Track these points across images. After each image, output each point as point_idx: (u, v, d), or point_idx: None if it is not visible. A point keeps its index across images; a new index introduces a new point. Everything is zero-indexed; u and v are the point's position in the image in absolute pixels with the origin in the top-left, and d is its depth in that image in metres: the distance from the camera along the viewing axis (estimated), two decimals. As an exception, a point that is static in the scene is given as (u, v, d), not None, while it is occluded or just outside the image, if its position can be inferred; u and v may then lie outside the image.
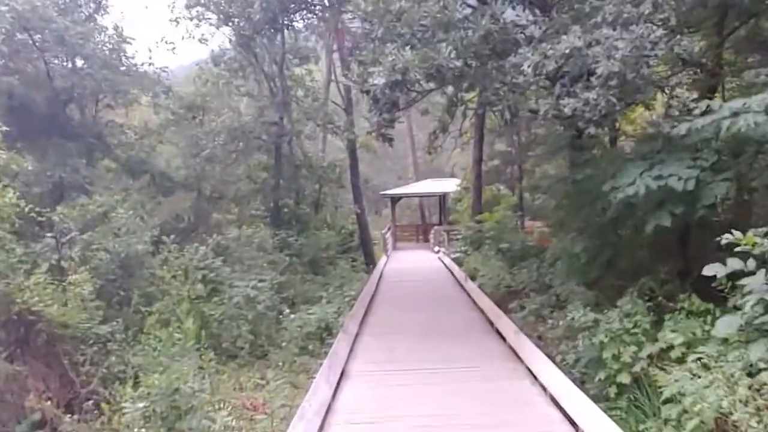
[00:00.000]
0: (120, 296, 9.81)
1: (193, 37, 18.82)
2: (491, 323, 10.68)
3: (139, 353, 7.84)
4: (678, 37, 7.73)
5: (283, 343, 10.10)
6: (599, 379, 6.95)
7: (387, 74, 8.89)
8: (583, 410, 5.67)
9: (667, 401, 5.58)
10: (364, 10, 9.92)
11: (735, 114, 6.20)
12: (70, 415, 6.27)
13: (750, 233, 5.52)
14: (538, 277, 12.71)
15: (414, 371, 8.01)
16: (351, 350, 9.12)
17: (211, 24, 18.21)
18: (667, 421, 5.55)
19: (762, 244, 5.47)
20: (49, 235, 9.02)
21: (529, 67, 8.15)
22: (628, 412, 6.43)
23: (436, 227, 30.32)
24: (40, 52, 14.94)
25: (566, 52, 7.84)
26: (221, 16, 17.17)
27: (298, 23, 19.70)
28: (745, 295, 5.42)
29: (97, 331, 7.86)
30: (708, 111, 6.71)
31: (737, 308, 6.23)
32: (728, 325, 5.50)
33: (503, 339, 9.42)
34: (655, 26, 7.82)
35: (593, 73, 7.76)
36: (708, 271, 5.68)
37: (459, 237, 21.83)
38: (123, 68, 16.45)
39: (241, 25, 16.98)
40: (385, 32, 9.67)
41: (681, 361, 6.24)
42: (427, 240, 31.69)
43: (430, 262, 23.59)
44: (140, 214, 12.09)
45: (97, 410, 6.32)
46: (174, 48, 21.17)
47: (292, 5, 16.73)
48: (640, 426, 6.09)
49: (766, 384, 4.88)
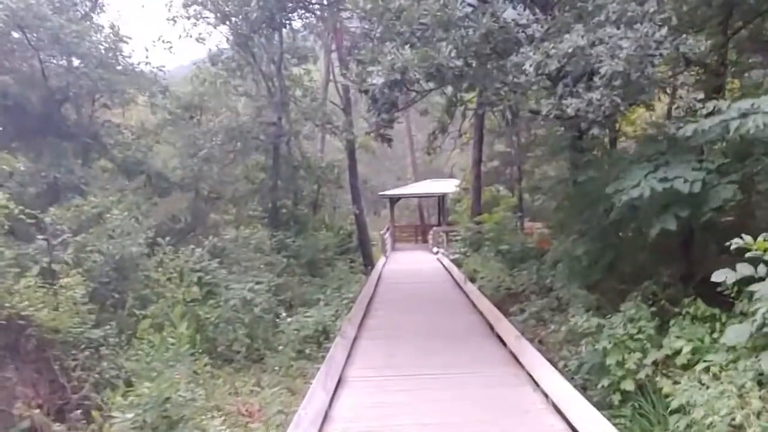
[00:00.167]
0: (114, 299, 9.64)
1: (191, 36, 18.70)
2: (491, 327, 10.52)
3: (133, 358, 7.68)
4: (684, 36, 7.56)
5: (280, 347, 9.96)
6: (602, 386, 6.81)
7: (386, 73, 8.73)
8: (586, 418, 5.53)
9: (674, 411, 5.40)
10: (363, 8, 9.78)
11: (743, 115, 6.06)
12: (59, 423, 6.09)
13: (761, 238, 5.35)
14: (539, 279, 12.60)
15: (413, 377, 7.84)
16: (348, 355, 8.94)
17: (208, 23, 18.09)
18: (675, 433, 5.39)
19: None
20: (41, 237, 8.84)
21: (531, 66, 7.99)
22: (632, 421, 6.27)
23: (435, 228, 30.19)
24: (34, 50, 14.77)
25: (569, 51, 7.69)
26: (218, 14, 17.03)
27: (297, 22, 19.55)
28: (755, 301, 5.24)
29: (90, 335, 7.66)
30: (715, 112, 6.56)
31: (744, 314, 6.10)
32: (738, 332, 5.33)
33: (504, 343, 9.26)
34: (657, 26, 7.67)
35: (596, 73, 7.63)
36: (717, 277, 5.50)
37: (458, 238, 21.73)
38: (119, 67, 16.24)
39: (239, 23, 16.85)
40: (384, 31, 9.53)
41: (687, 368, 6.09)
42: (426, 241, 31.57)
43: (429, 263, 23.42)
44: (135, 215, 11.91)
45: (85, 420, 6.14)
46: (171, 47, 20.91)
47: (289, 4, 16.55)
48: (645, 435, 5.95)
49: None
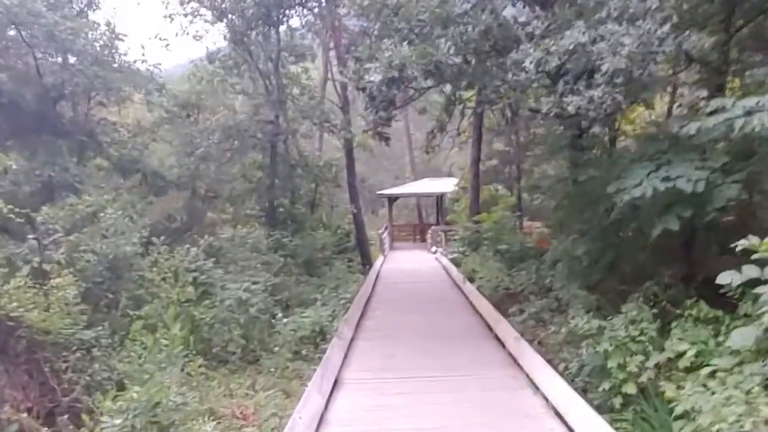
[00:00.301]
0: (108, 299, 9.53)
1: (188, 33, 18.57)
2: (490, 327, 10.39)
3: (125, 360, 7.55)
4: (687, 32, 7.43)
5: (276, 348, 9.82)
6: (603, 389, 6.67)
7: (384, 71, 8.60)
8: (586, 422, 5.41)
9: (679, 417, 5.27)
10: (361, 4, 9.66)
11: (749, 113, 5.92)
12: (48, 428, 5.95)
13: (768, 239, 5.22)
14: (538, 279, 12.46)
15: (412, 379, 7.70)
16: (345, 357, 8.80)
17: (205, 20, 18.01)
18: (680, 440, 5.24)
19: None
20: (31, 236, 8.70)
21: (530, 63, 7.85)
22: (634, 425, 6.13)
23: (433, 227, 30.08)
24: (29, 47, 14.65)
25: (570, 48, 7.54)
26: (215, 11, 16.92)
27: (294, 20, 19.44)
28: (761, 304, 5.10)
29: (81, 336, 7.54)
30: (719, 110, 6.43)
31: (748, 316, 5.98)
32: (744, 336, 5.20)
33: (503, 345, 9.14)
34: (659, 23, 7.54)
35: (597, 70, 7.48)
36: (722, 279, 5.36)
37: (456, 237, 21.61)
38: (115, 65, 16.17)
39: (235, 21, 16.72)
40: (382, 28, 9.43)
41: (690, 371, 5.97)
42: (424, 240, 31.47)
43: (427, 262, 23.30)
44: (130, 214, 11.78)
45: (75, 424, 5.99)
46: (168, 45, 20.80)
47: (285, 1, 16.43)
48: (647, 439, 5.82)
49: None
